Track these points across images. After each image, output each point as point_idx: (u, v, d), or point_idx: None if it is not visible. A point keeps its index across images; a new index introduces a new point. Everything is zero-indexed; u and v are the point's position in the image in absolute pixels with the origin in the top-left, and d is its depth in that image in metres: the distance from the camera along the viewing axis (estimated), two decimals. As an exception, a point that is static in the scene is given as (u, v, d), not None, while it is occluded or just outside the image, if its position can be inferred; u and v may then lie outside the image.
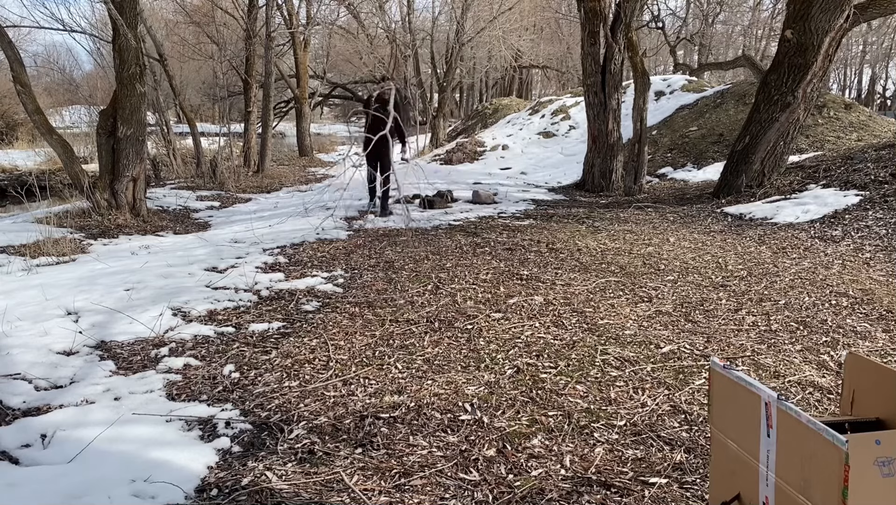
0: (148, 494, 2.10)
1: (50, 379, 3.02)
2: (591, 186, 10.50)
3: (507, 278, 4.72)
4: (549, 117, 17.71)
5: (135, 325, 3.75)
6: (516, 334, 3.55)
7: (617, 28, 9.83)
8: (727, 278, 4.65)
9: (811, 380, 2.94)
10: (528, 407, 2.69)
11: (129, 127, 7.49)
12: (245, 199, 10.70)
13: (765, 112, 7.88)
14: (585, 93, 10.55)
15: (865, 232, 5.88)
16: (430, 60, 22.80)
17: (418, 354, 3.31)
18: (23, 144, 19.20)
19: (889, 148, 7.86)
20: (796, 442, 1.33)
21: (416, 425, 2.55)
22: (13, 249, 6.05)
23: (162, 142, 14.32)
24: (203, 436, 2.51)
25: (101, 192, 7.61)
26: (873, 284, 4.45)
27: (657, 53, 30.41)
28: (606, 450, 2.36)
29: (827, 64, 7.62)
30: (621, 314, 3.87)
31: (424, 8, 52.40)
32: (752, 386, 1.46)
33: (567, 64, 31.26)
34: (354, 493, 2.11)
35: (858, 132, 10.80)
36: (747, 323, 3.69)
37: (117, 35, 7.43)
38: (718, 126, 12.47)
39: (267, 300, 4.34)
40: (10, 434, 2.48)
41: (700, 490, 2.10)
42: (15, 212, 9.92)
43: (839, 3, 7.21)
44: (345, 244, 6.18)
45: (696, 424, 2.55)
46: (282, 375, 3.08)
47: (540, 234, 6.48)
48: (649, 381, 2.94)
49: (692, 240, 6.06)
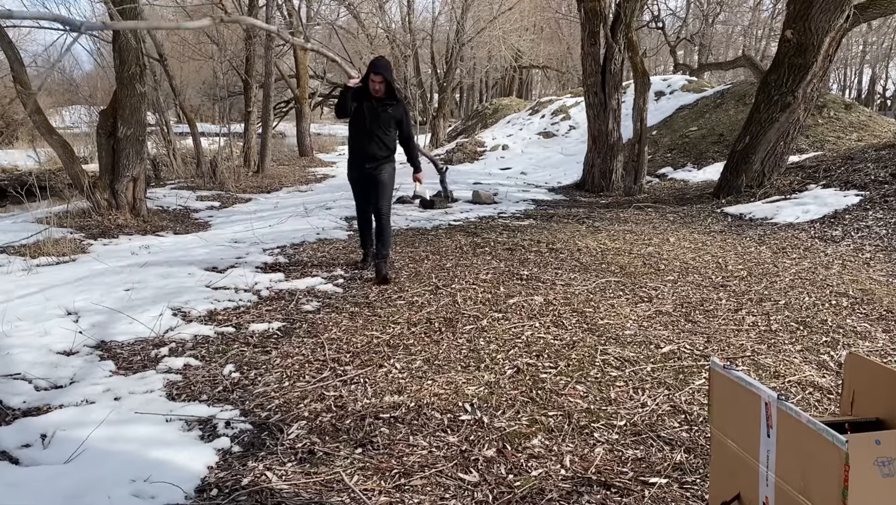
0: (148, 494, 2.10)
1: (50, 379, 3.02)
2: (591, 186, 10.50)
3: (507, 278, 4.72)
4: (549, 117, 17.71)
5: (135, 325, 3.74)
6: (516, 334, 3.55)
7: (617, 28, 9.83)
8: (727, 278, 4.65)
9: (811, 380, 2.94)
10: (528, 407, 2.69)
11: (129, 127, 7.48)
12: (245, 200, 10.70)
13: (765, 112, 7.88)
14: (585, 93, 10.55)
15: (865, 232, 5.88)
16: (430, 60, 22.80)
17: (418, 354, 3.31)
18: (23, 144, 19.19)
19: (889, 148, 7.86)
20: (796, 442, 1.33)
21: (416, 425, 2.55)
22: (13, 249, 6.05)
23: (162, 142, 14.32)
24: (203, 436, 2.51)
25: (101, 192, 7.61)
26: (873, 284, 4.45)
27: (657, 53, 30.42)
28: (606, 450, 2.36)
29: (827, 64, 7.62)
30: (621, 314, 3.87)
31: (424, 8, 52.36)
32: (752, 386, 1.46)
33: (567, 64, 31.26)
34: (354, 493, 2.11)
35: (858, 132, 10.80)
36: (747, 323, 3.69)
37: (117, 35, 7.42)
38: (718, 126, 12.47)
39: (267, 300, 4.34)
40: (10, 434, 2.48)
41: (700, 490, 2.10)
42: (15, 212, 9.92)
43: (839, 3, 7.21)
44: (345, 244, 6.18)
45: (696, 424, 2.55)
46: (282, 375, 3.08)
47: (540, 234, 6.48)
48: (649, 381, 2.94)
49: (692, 240, 6.06)
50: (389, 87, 4.62)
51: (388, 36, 21.99)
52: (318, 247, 6.05)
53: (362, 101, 4.64)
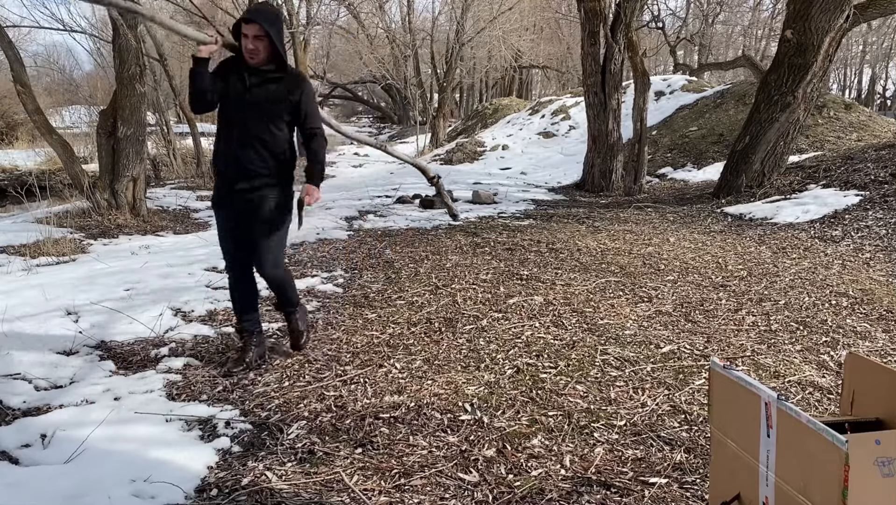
0: (148, 494, 2.10)
1: (50, 379, 3.02)
2: (591, 186, 10.50)
3: (507, 278, 4.72)
4: (549, 117, 17.71)
5: (135, 325, 3.74)
6: (516, 334, 3.55)
7: (617, 28, 9.83)
8: (727, 278, 4.65)
9: (811, 380, 2.94)
10: (528, 407, 2.69)
11: (129, 127, 7.48)
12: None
13: (765, 112, 7.88)
14: (585, 93, 10.55)
15: (865, 232, 5.88)
16: (430, 60, 22.80)
17: (418, 353, 3.31)
18: (23, 144, 19.19)
19: (889, 148, 7.86)
20: (796, 442, 1.33)
21: (416, 425, 2.55)
22: (13, 249, 6.05)
23: (162, 142, 14.32)
24: (203, 436, 2.51)
25: (101, 192, 7.61)
26: (873, 284, 4.45)
27: (657, 53, 30.40)
28: (606, 450, 2.36)
29: (827, 64, 7.62)
30: (621, 314, 3.87)
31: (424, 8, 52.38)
32: (752, 386, 1.46)
33: (567, 64, 31.25)
34: (354, 493, 2.11)
35: (858, 132, 10.80)
36: (747, 323, 3.69)
37: (117, 35, 7.43)
38: (718, 126, 12.47)
39: (267, 300, 4.33)
40: (10, 434, 2.48)
41: (700, 490, 2.10)
42: (15, 212, 9.92)
43: (839, 3, 7.21)
44: (345, 244, 6.18)
45: (696, 424, 2.55)
46: (282, 375, 3.08)
47: (540, 234, 6.48)
48: (649, 381, 2.94)
49: (692, 240, 6.06)
50: (275, 49, 2.83)
51: (388, 36, 21.99)
52: (317, 247, 6.05)
53: (229, 76, 2.89)
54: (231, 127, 2.92)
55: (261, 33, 2.78)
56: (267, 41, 2.81)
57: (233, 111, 2.91)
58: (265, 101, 2.87)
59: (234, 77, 2.87)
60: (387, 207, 8.61)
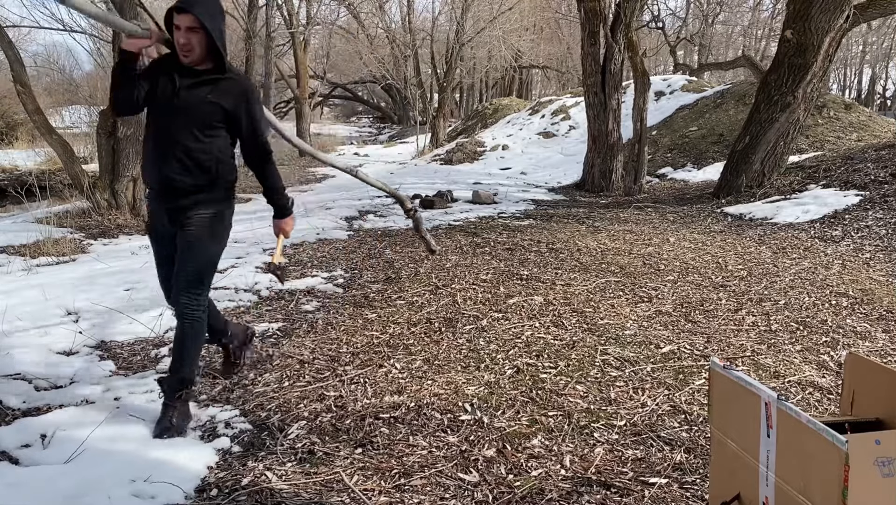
0: (148, 494, 2.10)
1: (50, 379, 3.02)
2: (591, 186, 10.50)
3: (507, 278, 4.72)
4: (549, 117, 17.71)
5: (135, 325, 3.74)
6: (516, 334, 3.55)
7: (617, 28, 9.84)
8: (727, 278, 4.65)
9: (811, 380, 2.94)
10: (528, 407, 2.69)
11: (129, 127, 7.48)
12: (245, 200, 10.68)
13: (765, 112, 7.88)
14: (585, 93, 10.56)
15: (865, 232, 5.88)
16: (430, 60, 22.80)
17: (418, 354, 3.31)
18: (23, 144, 19.18)
19: (889, 148, 7.86)
20: (796, 442, 1.33)
21: (416, 425, 2.55)
22: (13, 249, 6.05)
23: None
24: (203, 436, 2.51)
25: (101, 192, 7.61)
26: (873, 284, 4.45)
27: (657, 53, 30.41)
28: (606, 450, 2.36)
29: (827, 64, 7.62)
30: (621, 314, 3.87)
31: (424, 8, 52.41)
32: (752, 386, 1.46)
33: (567, 64, 31.26)
34: (354, 493, 2.11)
35: (858, 132, 10.80)
36: (747, 323, 3.69)
37: (117, 35, 7.43)
38: (718, 126, 12.47)
39: (267, 300, 4.34)
40: (10, 434, 2.48)
41: (700, 490, 2.10)
42: (15, 212, 9.91)
43: (839, 3, 7.21)
44: (345, 244, 6.18)
45: (696, 424, 2.55)
46: (282, 375, 3.08)
47: (540, 234, 6.48)
48: (649, 381, 2.94)
49: (692, 240, 6.06)
50: (213, 45, 2.37)
51: (388, 36, 22.00)
52: (317, 247, 6.05)
53: (160, 76, 2.44)
54: (157, 134, 2.48)
55: (195, 25, 2.31)
56: (203, 35, 2.33)
57: (158, 116, 2.47)
58: (195, 107, 2.41)
59: (164, 77, 2.42)
60: (387, 207, 8.60)
